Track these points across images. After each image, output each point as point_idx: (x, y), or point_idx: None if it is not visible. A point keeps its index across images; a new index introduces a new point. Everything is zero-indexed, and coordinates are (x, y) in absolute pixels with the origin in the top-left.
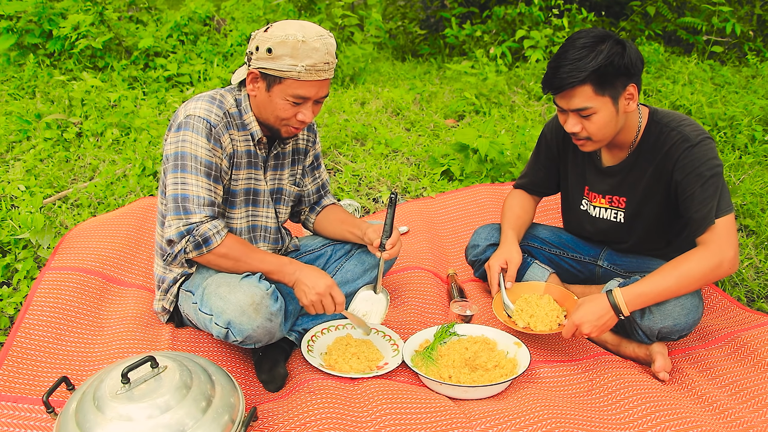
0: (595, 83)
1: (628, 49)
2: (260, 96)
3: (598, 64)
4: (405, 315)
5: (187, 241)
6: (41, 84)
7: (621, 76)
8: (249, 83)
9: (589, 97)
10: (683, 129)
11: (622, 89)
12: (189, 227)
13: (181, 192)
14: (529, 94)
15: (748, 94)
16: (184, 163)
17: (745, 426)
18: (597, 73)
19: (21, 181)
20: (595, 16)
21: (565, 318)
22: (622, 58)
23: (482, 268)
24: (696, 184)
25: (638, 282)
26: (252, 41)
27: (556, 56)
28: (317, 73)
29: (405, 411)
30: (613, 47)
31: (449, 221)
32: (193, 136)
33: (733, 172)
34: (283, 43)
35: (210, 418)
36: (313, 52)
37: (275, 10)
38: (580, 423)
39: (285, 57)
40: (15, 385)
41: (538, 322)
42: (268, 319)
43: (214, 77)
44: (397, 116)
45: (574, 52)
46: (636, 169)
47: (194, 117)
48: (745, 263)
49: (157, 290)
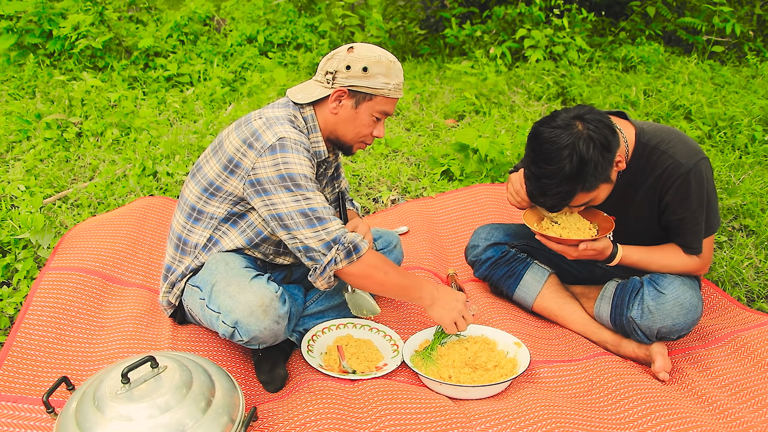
0: (585, 189)
1: (595, 137)
2: (344, 113)
3: (582, 178)
4: (405, 315)
5: (337, 251)
6: (41, 84)
7: (606, 166)
8: (332, 101)
9: (584, 197)
10: (675, 151)
11: (610, 170)
12: (335, 237)
13: (308, 206)
14: (529, 94)
15: (748, 94)
16: (297, 183)
17: (745, 426)
18: (584, 185)
19: (21, 181)
20: (595, 16)
21: (597, 232)
22: (599, 153)
23: (482, 268)
24: (687, 210)
25: (634, 250)
26: (333, 61)
27: (533, 176)
28: (400, 92)
29: (405, 411)
30: (587, 148)
31: (449, 221)
32: (294, 156)
33: (733, 172)
34: (378, 63)
35: (210, 418)
36: (399, 72)
37: (275, 10)
38: (580, 423)
39: (379, 75)
40: (15, 385)
41: (571, 233)
42: (276, 322)
43: (214, 77)
44: (397, 116)
45: (552, 175)
46: (626, 190)
47: (289, 139)
48: (745, 263)
49: (163, 281)
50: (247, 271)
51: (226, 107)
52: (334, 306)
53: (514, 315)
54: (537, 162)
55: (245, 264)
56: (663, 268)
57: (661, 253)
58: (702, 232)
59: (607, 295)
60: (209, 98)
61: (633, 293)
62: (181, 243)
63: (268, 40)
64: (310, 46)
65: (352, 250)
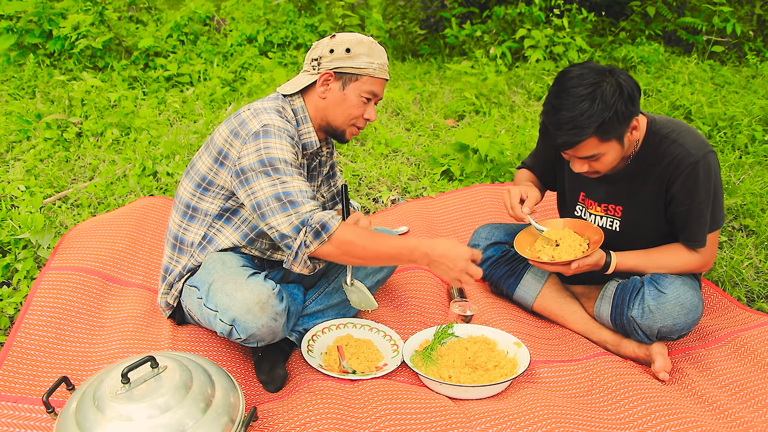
0: (600, 134)
1: (625, 87)
2: (332, 96)
3: (602, 117)
4: (405, 315)
5: (305, 234)
6: (41, 84)
7: (624, 119)
8: (320, 85)
9: (595, 146)
10: (685, 141)
11: (627, 127)
12: (303, 219)
13: (282, 190)
14: (529, 94)
15: (748, 94)
16: (276, 167)
17: (745, 426)
18: (601, 127)
19: (21, 181)
20: (595, 16)
21: (588, 246)
22: (623, 100)
23: (483, 267)
24: (694, 201)
25: (629, 255)
26: (318, 49)
27: (553, 110)
28: (385, 72)
29: (405, 411)
30: (613, 91)
31: (449, 221)
32: (276, 141)
33: (733, 172)
34: (360, 43)
35: (210, 418)
36: (383, 54)
37: (275, 10)
38: (580, 423)
39: (362, 56)
40: (15, 385)
41: (563, 253)
42: (273, 319)
43: (214, 77)
44: (397, 116)
45: (573, 107)
46: (634, 178)
47: (273, 126)
48: (745, 263)
49: (162, 282)
50: (244, 269)
51: (226, 107)
52: (334, 305)
53: (514, 315)
54: (559, 94)
55: (242, 263)
56: (661, 269)
57: (657, 254)
58: (707, 225)
59: (607, 295)
60: (209, 98)
61: (634, 293)
62: (177, 242)
63: (268, 40)
64: (310, 46)
65: (320, 230)
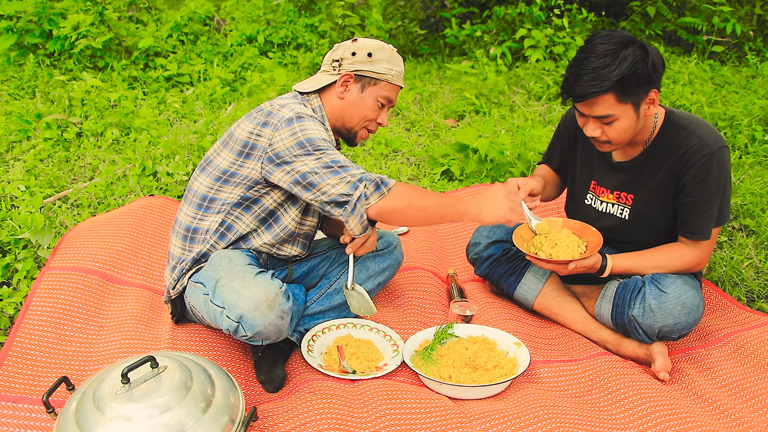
0: (617, 92)
1: (650, 54)
2: (350, 98)
3: (622, 73)
4: (405, 315)
5: (365, 186)
6: (41, 84)
7: (644, 84)
8: (340, 86)
9: (611, 105)
10: (702, 133)
11: (644, 96)
12: (360, 177)
13: (330, 159)
14: (529, 94)
15: (748, 94)
16: (317, 146)
17: (745, 426)
18: (620, 83)
19: (21, 181)
20: (595, 16)
21: (585, 248)
22: (646, 65)
23: (483, 266)
24: (704, 193)
25: (625, 257)
26: (339, 51)
27: (576, 62)
28: (402, 80)
29: (405, 411)
30: (637, 54)
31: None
32: (312, 124)
33: (733, 172)
34: (381, 49)
35: (210, 418)
36: (400, 61)
37: (275, 10)
38: (580, 423)
39: (383, 61)
40: (15, 385)
41: (561, 252)
42: (280, 317)
43: (214, 77)
44: (397, 116)
45: (596, 60)
46: (648, 166)
47: (306, 114)
48: (745, 263)
49: (171, 272)
50: (251, 267)
51: (226, 107)
52: (335, 306)
53: (514, 315)
54: (586, 48)
55: (248, 261)
56: (657, 269)
57: (652, 254)
58: (713, 219)
59: (608, 294)
60: (209, 98)
61: (635, 292)
62: (189, 233)
63: (268, 40)
64: (310, 46)
65: (380, 183)
